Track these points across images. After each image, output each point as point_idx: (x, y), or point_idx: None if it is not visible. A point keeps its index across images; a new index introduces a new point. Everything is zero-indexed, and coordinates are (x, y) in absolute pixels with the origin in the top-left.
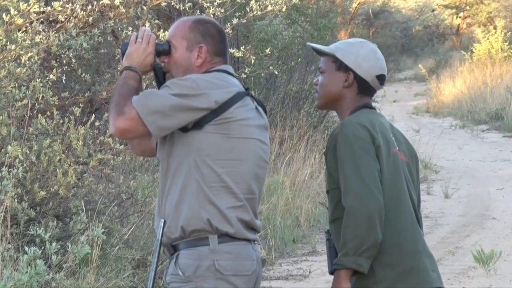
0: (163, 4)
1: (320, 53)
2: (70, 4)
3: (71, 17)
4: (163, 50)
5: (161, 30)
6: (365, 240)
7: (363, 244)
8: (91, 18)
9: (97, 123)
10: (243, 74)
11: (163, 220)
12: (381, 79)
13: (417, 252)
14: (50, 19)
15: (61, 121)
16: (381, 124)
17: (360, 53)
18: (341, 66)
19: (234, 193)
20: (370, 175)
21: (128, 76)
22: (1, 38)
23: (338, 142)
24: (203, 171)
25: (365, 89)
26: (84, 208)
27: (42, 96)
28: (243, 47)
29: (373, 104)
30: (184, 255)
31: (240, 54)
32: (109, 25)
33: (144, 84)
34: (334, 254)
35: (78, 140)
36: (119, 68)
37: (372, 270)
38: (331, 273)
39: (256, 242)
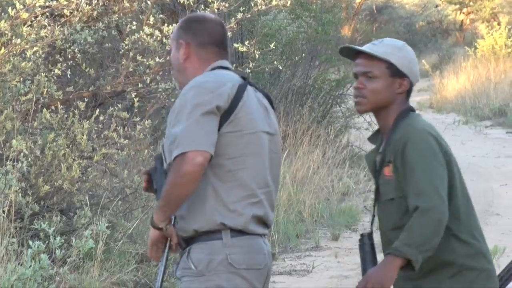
0: None
1: (362, 55)
2: None
3: (76, 11)
4: None
5: (166, 25)
6: (430, 240)
7: (427, 244)
8: (95, 12)
9: (101, 118)
10: (247, 69)
11: (173, 216)
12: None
13: (489, 255)
14: (55, 13)
15: (66, 116)
16: (436, 130)
17: (410, 57)
18: (396, 72)
19: (251, 190)
20: (441, 182)
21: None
22: (7, 32)
23: (407, 149)
24: (218, 171)
25: (410, 92)
26: (88, 203)
27: (47, 91)
28: (248, 42)
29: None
30: (196, 249)
31: (245, 49)
32: (113, 19)
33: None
34: (373, 259)
35: (83, 135)
36: (123, 63)
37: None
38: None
39: (266, 236)
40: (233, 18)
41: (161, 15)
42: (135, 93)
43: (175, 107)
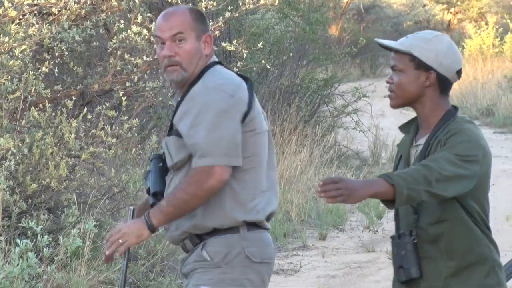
0: None
1: (392, 49)
2: None
3: (64, 10)
4: None
5: (153, 23)
6: (421, 184)
7: (416, 185)
8: (83, 11)
9: (89, 116)
10: (235, 68)
11: (132, 208)
12: (459, 73)
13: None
14: (44, 11)
15: (53, 114)
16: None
17: (440, 50)
18: (421, 65)
19: (263, 187)
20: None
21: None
22: None
23: (454, 136)
24: (234, 171)
25: (446, 87)
26: (75, 201)
27: (35, 89)
28: (235, 41)
29: (365, 99)
30: (212, 243)
31: (232, 48)
32: (101, 18)
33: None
34: (416, 257)
35: (70, 133)
36: (111, 61)
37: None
38: (407, 281)
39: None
40: (221, 17)
41: (149, 14)
42: (122, 92)
43: (190, 107)
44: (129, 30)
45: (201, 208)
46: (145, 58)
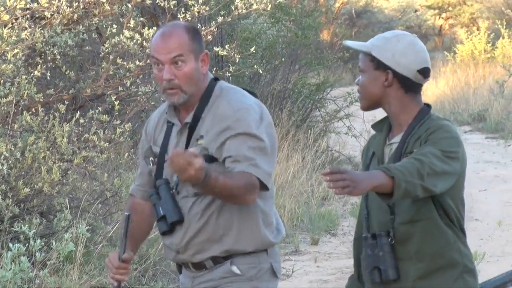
0: (148, 1)
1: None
2: (57, 1)
3: (56, 14)
4: None
5: (146, 28)
6: (417, 178)
7: (414, 178)
8: (76, 15)
9: (81, 120)
10: (227, 72)
11: (127, 214)
12: (423, 72)
13: None
14: (36, 15)
15: (46, 118)
16: None
17: (397, 49)
18: (380, 65)
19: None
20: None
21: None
22: None
23: (438, 131)
24: (261, 193)
25: (410, 86)
26: (68, 206)
27: (27, 93)
28: (228, 45)
29: (357, 104)
30: (243, 260)
31: (225, 53)
32: (93, 22)
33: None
34: (394, 259)
35: (63, 137)
36: (103, 66)
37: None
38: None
39: None
40: (213, 22)
41: (141, 18)
42: (115, 96)
43: (227, 127)
44: (121, 35)
45: (235, 233)
46: (137, 62)
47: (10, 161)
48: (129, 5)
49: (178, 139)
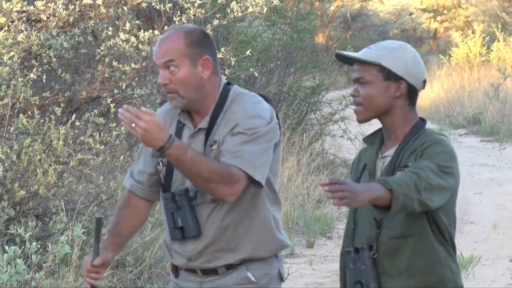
0: (144, 4)
1: (355, 61)
2: (53, 4)
3: (52, 17)
4: None
5: (141, 31)
6: (414, 192)
7: (411, 192)
8: (71, 18)
9: (77, 123)
10: (223, 75)
11: (98, 217)
12: (425, 82)
13: None
14: (32, 18)
15: (42, 121)
16: None
17: (408, 59)
18: (390, 76)
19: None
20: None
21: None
22: None
23: (434, 145)
24: (272, 196)
25: (414, 96)
26: (64, 208)
27: (23, 96)
28: (223, 48)
29: (352, 107)
30: (257, 266)
31: (220, 56)
32: (89, 25)
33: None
34: (376, 273)
35: (59, 140)
36: (99, 68)
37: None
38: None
39: None
40: (209, 25)
41: (137, 21)
42: (110, 99)
43: (238, 130)
44: (117, 37)
45: (254, 240)
46: (133, 65)
47: (6, 164)
48: (125, 8)
49: (190, 142)
